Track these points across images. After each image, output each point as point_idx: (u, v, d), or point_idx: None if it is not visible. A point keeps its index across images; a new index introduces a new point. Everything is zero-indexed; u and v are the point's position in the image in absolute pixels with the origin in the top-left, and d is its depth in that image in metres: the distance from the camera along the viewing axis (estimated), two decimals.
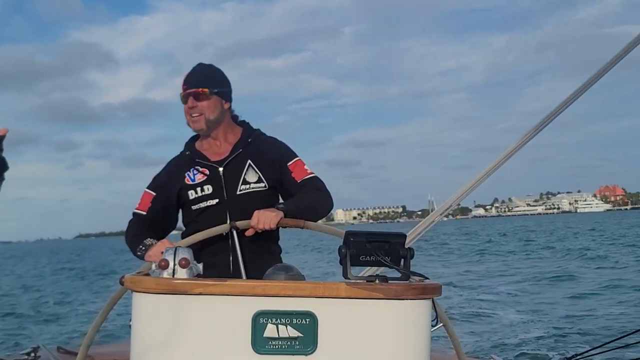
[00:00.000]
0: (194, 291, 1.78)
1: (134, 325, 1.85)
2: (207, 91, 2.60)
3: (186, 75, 2.66)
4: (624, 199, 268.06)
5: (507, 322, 9.74)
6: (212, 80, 2.66)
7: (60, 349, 3.30)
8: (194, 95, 2.60)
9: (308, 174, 2.65)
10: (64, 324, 13.09)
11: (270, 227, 2.37)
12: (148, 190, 2.71)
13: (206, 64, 2.73)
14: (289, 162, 2.67)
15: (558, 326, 9.12)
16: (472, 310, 11.03)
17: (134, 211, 2.70)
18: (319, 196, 2.61)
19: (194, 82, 2.62)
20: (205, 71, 2.69)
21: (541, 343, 7.90)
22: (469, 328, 9.18)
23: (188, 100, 2.61)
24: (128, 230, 2.66)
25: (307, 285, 1.81)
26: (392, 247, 1.94)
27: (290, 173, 2.65)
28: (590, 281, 14.97)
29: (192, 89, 2.60)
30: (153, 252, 2.38)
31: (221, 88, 2.67)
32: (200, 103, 2.60)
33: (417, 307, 1.84)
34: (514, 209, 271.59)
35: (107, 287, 18.97)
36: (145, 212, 2.67)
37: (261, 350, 1.77)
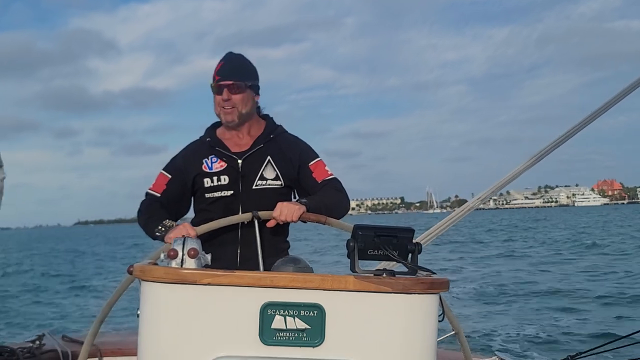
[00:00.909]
0: (202, 281, 1.78)
1: (142, 314, 1.85)
2: (242, 84, 2.59)
3: (220, 66, 2.61)
4: (621, 193, 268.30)
5: (511, 319, 9.75)
6: (247, 72, 2.64)
7: (65, 337, 3.31)
8: (229, 88, 2.57)
9: (329, 175, 2.65)
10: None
11: (292, 219, 2.37)
12: (164, 172, 2.67)
13: (237, 54, 2.69)
14: (311, 163, 2.66)
15: (562, 324, 9.12)
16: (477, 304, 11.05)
17: (147, 191, 2.67)
18: (339, 197, 2.62)
19: (229, 74, 2.59)
20: (239, 63, 2.65)
21: (545, 341, 7.91)
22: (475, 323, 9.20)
23: (223, 92, 2.57)
24: (142, 210, 2.63)
25: (315, 278, 1.82)
26: (400, 241, 1.95)
27: (312, 173, 2.64)
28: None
29: (228, 81, 2.57)
30: (174, 234, 2.35)
31: (254, 81, 2.66)
32: (234, 96, 2.57)
33: (424, 301, 1.85)
34: (512, 202, 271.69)
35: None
36: (160, 194, 2.64)
37: (269, 342, 1.78)
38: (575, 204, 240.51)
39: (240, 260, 2.55)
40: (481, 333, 8.54)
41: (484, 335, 8.38)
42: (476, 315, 10.28)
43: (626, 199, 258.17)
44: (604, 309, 10.80)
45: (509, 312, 10.51)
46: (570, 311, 10.62)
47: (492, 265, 19.76)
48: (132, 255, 28.02)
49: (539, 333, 8.48)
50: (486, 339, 8.15)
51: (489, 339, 8.14)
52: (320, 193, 2.57)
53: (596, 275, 16.22)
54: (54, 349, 3.06)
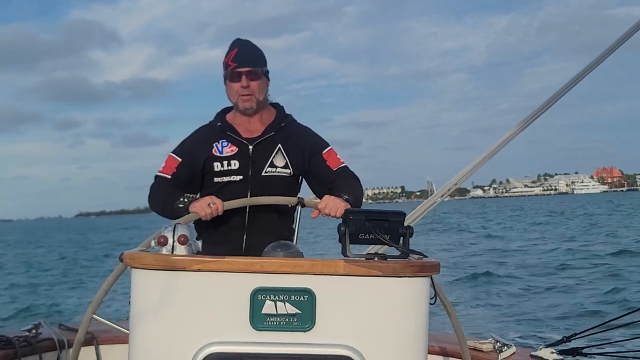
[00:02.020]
0: (192, 267, 1.78)
1: (132, 301, 1.85)
2: (260, 70, 2.57)
3: (235, 53, 2.58)
4: (621, 180, 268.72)
5: (507, 301, 9.79)
6: (262, 59, 2.62)
7: (61, 326, 3.31)
8: (247, 74, 2.55)
9: (341, 162, 2.66)
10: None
11: (336, 215, 2.33)
12: (173, 155, 2.64)
13: (247, 41, 2.66)
14: (323, 151, 2.66)
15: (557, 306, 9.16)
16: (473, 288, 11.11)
17: (157, 174, 2.64)
18: (359, 186, 2.63)
19: (246, 60, 2.56)
20: (254, 49, 2.63)
21: (541, 323, 7.94)
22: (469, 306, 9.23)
23: (242, 78, 2.55)
24: (156, 191, 2.60)
25: (305, 263, 1.82)
26: (391, 225, 1.95)
27: (325, 162, 2.64)
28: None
29: (246, 67, 2.54)
30: (199, 204, 2.33)
31: (266, 67, 2.64)
32: (252, 82, 2.55)
33: (415, 284, 1.84)
34: (511, 190, 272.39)
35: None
36: (170, 177, 2.61)
37: (259, 327, 1.78)
38: (575, 192, 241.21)
39: (246, 246, 2.54)
40: (477, 315, 8.58)
41: (479, 318, 8.42)
42: (472, 297, 10.32)
43: (625, 186, 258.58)
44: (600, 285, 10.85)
45: (504, 295, 10.55)
46: (565, 291, 10.66)
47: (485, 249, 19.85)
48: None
49: (535, 314, 8.52)
50: (482, 321, 8.18)
51: (485, 321, 8.18)
52: (345, 184, 2.56)
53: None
54: (50, 337, 3.06)
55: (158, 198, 2.57)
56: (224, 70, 2.61)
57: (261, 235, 2.47)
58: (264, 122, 2.66)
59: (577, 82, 3.77)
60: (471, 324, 7.65)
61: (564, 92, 3.81)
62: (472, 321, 7.99)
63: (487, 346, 2.94)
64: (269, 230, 2.52)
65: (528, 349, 3.02)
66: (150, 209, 2.63)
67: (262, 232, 2.51)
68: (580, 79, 3.77)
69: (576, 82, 3.78)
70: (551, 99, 3.82)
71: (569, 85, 3.80)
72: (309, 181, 2.70)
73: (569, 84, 3.81)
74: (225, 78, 2.61)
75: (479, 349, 2.93)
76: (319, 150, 2.66)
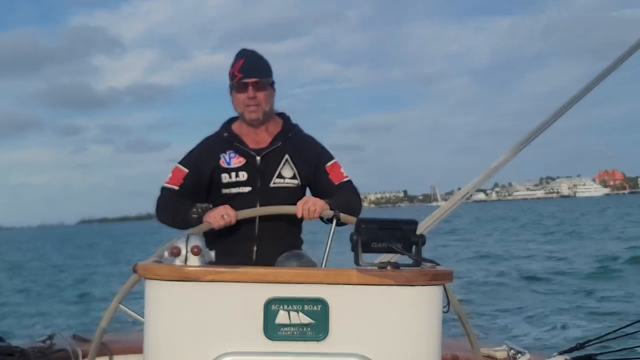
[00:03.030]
0: (205, 278, 1.79)
1: (146, 312, 1.86)
2: (266, 81, 2.58)
3: (241, 63, 2.58)
4: (623, 183, 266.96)
5: (521, 308, 9.72)
6: (268, 69, 2.63)
7: (75, 336, 3.32)
8: (254, 85, 2.55)
9: (344, 177, 2.66)
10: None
11: (314, 213, 2.37)
12: (180, 166, 2.64)
13: (253, 51, 2.66)
14: (327, 164, 2.66)
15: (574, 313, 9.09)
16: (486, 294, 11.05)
17: (164, 185, 2.62)
18: (355, 200, 2.62)
19: (253, 71, 2.56)
20: (260, 60, 2.63)
21: (555, 329, 7.89)
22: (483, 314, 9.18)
23: (248, 89, 2.55)
24: (165, 203, 2.59)
25: (319, 272, 1.82)
26: (403, 233, 1.94)
27: (328, 175, 2.64)
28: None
29: (252, 79, 2.54)
30: (213, 215, 2.34)
31: (272, 78, 2.64)
32: (258, 93, 2.55)
33: (428, 293, 1.84)
34: (514, 194, 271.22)
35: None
36: (177, 188, 2.60)
37: (273, 337, 1.78)
38: (577, 195, 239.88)
39: (257, 256, 2.54)
40: (491, 322, 8.53)
41: (494, 325, 8.37)
42: (486, 304, 10.25)
43: (627, 189, 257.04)
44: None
45: (519, 301, 10.47)
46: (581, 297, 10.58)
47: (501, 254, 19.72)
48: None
49: (550, 321, 8.45)
50: (496, 328, 8.13)
51: (499, 328, 8.12)
52: (339, 194, 2.56)
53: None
54: (65, 349, 3.07)
55: (168, 210, 2.56)
56: (230, 80, 2.61)
57: (271, 244, 2.49)
58: (270, 133, 2.66)
59: (593, 88, 3.72)
60: (485, 330, 7.61)
61: (578, 99, 3.76)
62: (486, 328, 7.94)
63: (501, 354, 2.92)
64: (279, 239, 2.53)
65: (542, 355, 3.00)
66: (158, 220, 2.62)
67: (272, 241, 2.52)
68: (601, 80, 3.72)
69: (592, 88, 3.73)
70: (566, 105, 3.77)
71: (584, 91, 3.74)
72: (312, 192, 2.70)
73: (584, 91, 3.75)
74: (232, 88, 2.61)
75: (493, 356, 2.91)
76: (323, 162, 2.66)
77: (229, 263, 1.96)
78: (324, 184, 2.63)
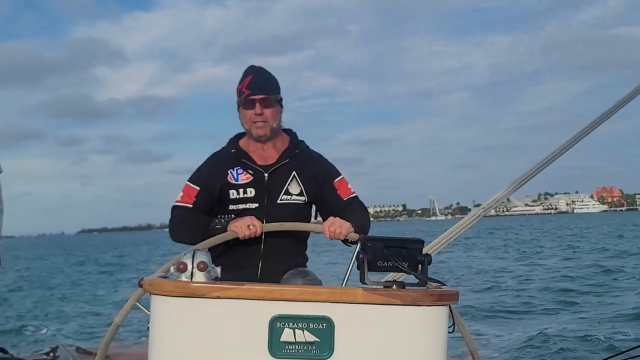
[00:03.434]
0: (211, 295, 1.79)
1: (152, 327, 1.86)
2: (273, 98, 2.59)
3: (249, 80, 2.59)
4: (621, 200, 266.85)
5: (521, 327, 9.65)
6: (276, 86, 2.64)
7: (79, 349, 3.33)
8: (261, 102, 2.56)
9: (352, 193, 2.67)
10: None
11: (341, 234, 2.38)
12: (191, 184, 2.62)
13: (261, 68, 2.68)
14: (335, 180, 2.67)
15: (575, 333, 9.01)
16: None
17: (177, 204, 2.60)
18: (366, 217, 2.64)
19: (261, 88, 2.57)
20: (268, 77, 2.65)
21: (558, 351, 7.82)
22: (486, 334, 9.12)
23: (255, 106, 2.56)
24: (183, 220, 2.56)
25: (324, 291, 1.82)
26: (409, 252, 1.94)
27: (336, 190, 2.65)
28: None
29: (260, 95, 2.56)
30: (239, 224, 2.34)
31: (280, 95, 2.66)
32: (266, 110, 2.56)
33: (434, 313, 1.84)
34: (512, 209, 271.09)
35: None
36: (192, 206, 2.58)
37: (278, 355, 1.78)
38: (575, 211, 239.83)
39: (262, 273, 2.53)
40: (495, 343, 8.47)
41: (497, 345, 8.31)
42: (492, 326, 10.18)
43: (625, 206, 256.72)
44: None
45: (523, 323, 10.40)
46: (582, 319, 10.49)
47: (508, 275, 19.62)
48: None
49: (555, 342, 8.38)
50: (500, 348, 8.07)
51: (502, 348, 8.07)
52: (352, 213, 2.56)
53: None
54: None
55: (187, 226, 2.54)
56: (238, 97, 2.62)
57: (276, 261, 2.49)
58: (277, 149, 2.67)
59: (602, 121, 3.75)
60: (489, 350, 7.55)
61: (594, 127, 3.79)
62: (491, 348, 7.89)
63: None
64: (284, 256, 2.53)
65: None
66: (173, 239, 2.59)
67: (277, 258, 2.51)
68: (602, 121, 3.75)
69: (601, 121, 3.75)
70: (583, 132, 3.79)
71: (595, 123, 3.77)
72: (318, 208, 2.70)
73: (599, 119, 3.79)
74: (239, 105, 2.62)
75: None
76: (330, 178, 2.67)
77: (233, 279, 1.96)
78: (332, 200, 2.64)
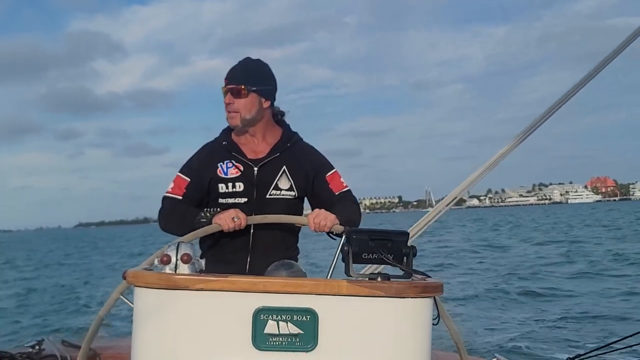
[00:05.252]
0: (195, 287, 1.78)
1: (135, 320, 1.85)
2: (244, 89, 2.56)
3: (229, 70, 2.60)
4: (614, 190, 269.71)
5: (509, 319, 9.71)
6: (253, 77, 2.60)
7: (64, 342, 3.30)
8: (232, 92, 2.56)
9: (344, 187, 2.66)
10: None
11: (325, 226, 2.38)
12: (181, 175, 2.62)
13: (253, 59, 2.66)
14: (327, 174, 2.65)
15: (561, 325, 9.08)
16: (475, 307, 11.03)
17: (167, 195, 2.60)
18: (357, 212, 2.62)
19: (234, 78, 2.57)
20: (247, 67, 2.62)
21: (544, 342, 7.87)
22: (472, 325, 9.16)
23: (226, 96, 2.57)
24: (171, 211, 2.56)
25: (308, 283, 1.81)
26: (394, 245, 1.94)
27: (328, 184, 2.64)
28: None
29: (231, 85, 2.56)
30: (224, 216, 2.33)
31: (262, 86, 2.60)
32: (237, 100, 2.55)
33: (418, 305, 1.84)
34: (506, 200, 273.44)
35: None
36: (181, 197, 2.58)
37: (262, 347, 1.77)
38: (569, 201, 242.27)
39: (250, 267, 2.53)
40: (481, 335, 8.51)
41: (483, 337, 8.35)
42: (476, 316, 10.23)
43: (618, 196, 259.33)
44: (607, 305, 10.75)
45: (509, 313, 10.45)
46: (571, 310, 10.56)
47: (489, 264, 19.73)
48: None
49: (539, 334, 8.43)
50: (486, 340, 8.11)
51: (488, 340, 8.10)
52: (342, 206, 2.56)
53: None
54: (54, 354, 3.06)
55: (174, 218, 2.53)
56: None
57: (265, 255, 2.47)
58: (268, 142, 2.65)
59: (577, 91, 3.81)
60: (476, 344, 7.59)
61: (564, 102, 3.85)
62: (475, 340, 7.92)
63: None
64: (273, 250, 2.52)
65: None
66: (162, 229, 2.59)
67: (266, 252, 2.51)
68: (580, 87, 3.81)
69: (576, 91, 3.82)
70: (551, 109, 3.85)
71: (569, 94, 3.83)
72: (311, 202, 2.69)
73: (568, 93, 3.84)
74: None
75: None
76: (322, 172, 2.65)
77: (223, 272, 1.95)
78: (324, 194, 2.63)
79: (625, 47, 3.66)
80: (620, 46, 3.68)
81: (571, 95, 3.79)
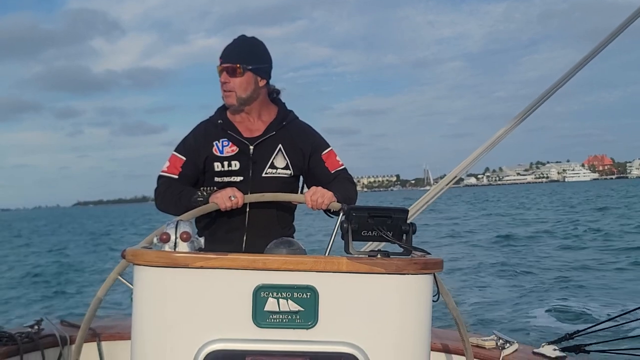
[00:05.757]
0: (195, 264, 1.77)
1: (135, 298, 1.85)
2: (239, 67, 2.54)
3: (224, 48, 2.58)
4: (612, 168, 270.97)
5: (508, 297, 9.79)
6: (248, 56, 2.58)
7: (63, 322, 3.31)
8: (227, 71, 2.55)
9: (340, 165, 2.67)
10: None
11: (322, 203, 2.39)
12: (177, 154, 2.62)
13: (247, 37, 2.64)
14: (323, 152, 2.66)
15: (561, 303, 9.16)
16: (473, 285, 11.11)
17: (162, 174, 2.60)
18: (353, 190, 2.63)
19: (229, 56, 2.56)
20: (242, 46, 2.60)
21: (544, 319, 7.95)
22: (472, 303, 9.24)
23: (221, 74, 2.56)
24: (167, 191, 2.55)
25: (308, 260, 1.81)
26: (394, 222, 1.94)
27: (324, 163, 2.64)
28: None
29: (226, 64, 2.55)
30: (221, 195, 2.34)
31: (257, 64, 2.59)
32: (232, 79, 2.55)
33: (418, 281, 1.84)
34: (504, 178, 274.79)
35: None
36: (177, 177, 2.58)
37: (262, 324, 1.78)
38: (566, 180, 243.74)
39: (246, 245, 2.54)
40: (480, 311, 8.58)
41: (482, 314, 8.42)
42: (475, 293, 10.31)
43: (615, 174, 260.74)
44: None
45: (508, 290, 10.54)
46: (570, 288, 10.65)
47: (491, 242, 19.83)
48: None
49: (538, 311, 8.52)
50: (485, 317, 8.18)
51: (488, 317, 8.18)
52: (339, 184, 2.57)
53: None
54: (52, 334, 3.06)
55: (170, 197, 2.53)
56: None
57: (261, 233, 2.48)
58: (264, 121, 2.64)
59: (578, 70, 3.78)
60: (474, 320, 7.66)
61: (564, 81, 3.82)
62: (475, 317, 7.99)
63: (490, 343, 2.94)
64: (269, 228, 2.53)
65: (530, 345, 3.01)
66: (158, 208, 2.59)
67: (262, 230, 2.52)
68: (581, 67, 3.77)
69: (577, 70, 3.78)
70: (552, 88, 3.83)
71: (570, 73, 3.80)
72: (306, 180, 2.70)
73: (569, 73, 3.81)
74: None
75: (482, 345, 2.92)
76: (318, 150, 2.65)
77: (219, 250, 1.95)
78: (320, 172, 2.63)
79: (627, 25, 3.62)
80: (622, 25, 3.64)
81: (572, 74, 3.77)
